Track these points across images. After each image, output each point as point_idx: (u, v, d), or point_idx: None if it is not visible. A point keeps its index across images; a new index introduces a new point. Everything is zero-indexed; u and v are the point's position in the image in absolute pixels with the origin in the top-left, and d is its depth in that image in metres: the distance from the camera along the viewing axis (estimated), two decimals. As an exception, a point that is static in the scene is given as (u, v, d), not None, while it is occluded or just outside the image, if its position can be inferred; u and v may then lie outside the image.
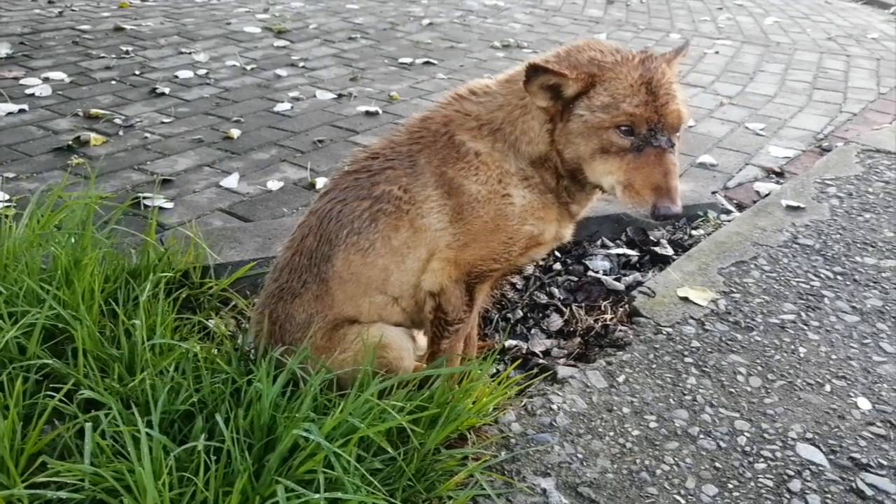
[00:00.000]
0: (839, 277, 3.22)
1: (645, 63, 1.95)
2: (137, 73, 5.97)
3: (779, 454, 2.26)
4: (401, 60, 6.67)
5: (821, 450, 2.27)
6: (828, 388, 2.55)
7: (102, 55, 6.38)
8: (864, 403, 2.48)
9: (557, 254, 3.49)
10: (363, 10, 8.79)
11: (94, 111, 4.98)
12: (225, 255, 3.13)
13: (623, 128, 1.91)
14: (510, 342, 2.89)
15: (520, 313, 3.10)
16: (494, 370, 2.66)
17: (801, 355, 2.71)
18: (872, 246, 3.50)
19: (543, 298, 3.18)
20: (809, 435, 2.33)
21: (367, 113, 5.25)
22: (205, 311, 2.75)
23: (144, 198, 3.72)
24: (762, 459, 2.23)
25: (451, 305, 2.21)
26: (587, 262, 3.43)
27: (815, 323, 2.90)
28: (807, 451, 2.27)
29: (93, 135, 4.55)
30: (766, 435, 2.33)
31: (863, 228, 3.66)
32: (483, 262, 2.17)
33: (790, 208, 3.84)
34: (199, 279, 2.89)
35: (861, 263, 3.34)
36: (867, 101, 5.90)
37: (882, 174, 4.34)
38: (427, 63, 6.63)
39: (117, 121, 4.89)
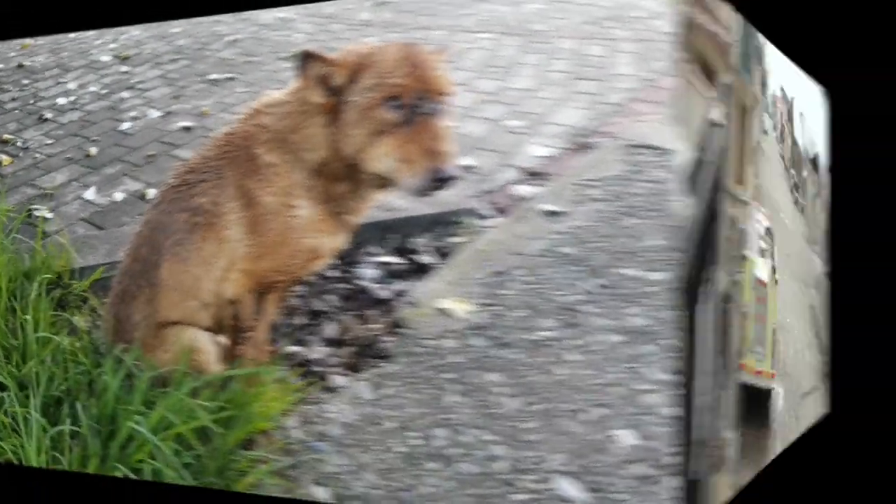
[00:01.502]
0: (601, 291, 3.05)
1: (408, 45, 2.07)
2: (32, 102, 6.34)
3: (537, 486, 2.14)
4: (210, 77, 7.06)
5: (580, 485, 2.08)
6: (588, 416, 2.37)
7: (10, 88, 6.78)
8: (627, 437, 2.24)
9: (336, 260, 3.27)
10: (182, 32, 8.89)
11: (5, 136, 5.49)
12: (85, 258, 3.43)
13: (391, 102, 1.95)
14: (292, 348, 2.83)
15: (300, 320, 3.03)
16: (282, 375, 2.60)
17: (561, 378, 2.58)
18: (637, 256, 3.28)
19: (320, 305, 3.11)
20: (569, 468, 2.18)
21: (185, 128, 5.67)
22: (70, 309, 2.93)
23: (34, 209, 4.28)
24: (521, 491, 2.13)
25: (245, 313, 2.30)
26: (356, 270, 3.32)
27: (576, 342, 2.74)
28: (565, 487, 2.09)
29: (3, 156, 5.07)
30: (524, 465, 2.24)
31: (626, 236, 3.44)
32: (271, 273, 2.25)
33: (549, 213, 3.52)
34: (69, 280, 3.08)
35: (625, 276, 3.12)
36: (631, 89, 5.29)
37: (648, 173, 3.96)
38: (230, 79, 6.95)
39: (19, 143, 5.33)
